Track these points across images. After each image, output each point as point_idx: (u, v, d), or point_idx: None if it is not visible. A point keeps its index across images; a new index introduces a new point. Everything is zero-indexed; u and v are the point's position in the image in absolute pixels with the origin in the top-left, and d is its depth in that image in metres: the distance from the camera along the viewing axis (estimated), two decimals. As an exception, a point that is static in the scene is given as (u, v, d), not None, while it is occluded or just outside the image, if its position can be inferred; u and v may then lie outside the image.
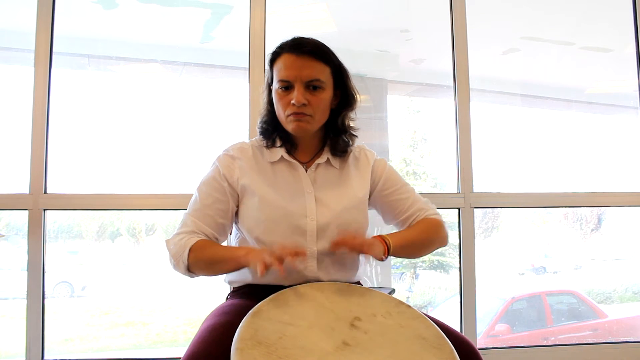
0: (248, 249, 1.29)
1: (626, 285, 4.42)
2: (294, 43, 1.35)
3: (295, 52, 1.33)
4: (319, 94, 1.34)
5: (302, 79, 1.32)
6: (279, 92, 1.35)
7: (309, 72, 1.33)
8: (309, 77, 1.32)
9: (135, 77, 3.15)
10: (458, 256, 2.45)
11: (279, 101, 1.36)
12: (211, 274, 1.36)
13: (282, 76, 1.33)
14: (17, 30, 2.75)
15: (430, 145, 4.20)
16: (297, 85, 1.32)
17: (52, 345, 2.42)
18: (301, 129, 1.35)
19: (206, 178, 1.41)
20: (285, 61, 1.33)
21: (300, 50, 1.33)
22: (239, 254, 1.27)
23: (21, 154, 2.26)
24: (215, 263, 1.32)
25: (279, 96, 1.36)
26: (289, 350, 1.03)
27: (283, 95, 1.34)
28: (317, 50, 1.34)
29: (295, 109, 1.33)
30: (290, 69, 1.32)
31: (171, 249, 1.35)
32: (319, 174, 1.42)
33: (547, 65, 3.25)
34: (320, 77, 1.34)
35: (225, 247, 1.39)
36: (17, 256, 3.31)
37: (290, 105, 1.33)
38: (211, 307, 1.37)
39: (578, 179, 3.58)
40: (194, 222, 1.36)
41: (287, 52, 1.34)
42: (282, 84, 1.34)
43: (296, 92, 1.32)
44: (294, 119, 1.34)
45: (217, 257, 1.32)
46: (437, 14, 2.67)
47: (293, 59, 1.33)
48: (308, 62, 1.33)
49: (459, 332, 1.29)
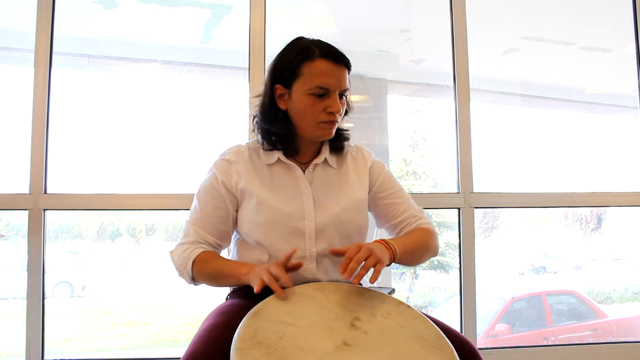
0: (249, 266, 1.28)
1: (626, 285, 4.42)
2: (328, 49, 1.32)
3: (333, 61, 1.31)
4: (344, 103, 1.37)
5: (340, 88, 1.33)
6: (313, 98, 1.31)
7: (345, 82, 1.34)
8: (344, 87, 1.34)
9: (135, 77, 3.16)
10: (458, 256, 2.45)
11: (311, 107, 1.32)
12: (214, 285, 1.37)
13: (322, 83, 1.30)
14: (17, 30, 2.76)
15: (430, 145, 4.20)
16: (334, 94, 1.32)
17: (52, 345, 2.42)
18: (330, 134, 1.37)
19: (204, 185, 1.40)
20: (324, 68, 1.31)
21: (338, 60, 1.32)
22: (241, 271, 1.28)
23: (21, 154, 2.25)
24: (218, 277, 1.34)
25: (310, 101, 1.32)
26: (289, 351, 1.03)
27: (317, 102, 1.32)
28: (348, 62, 1.35)
29: (333, 117, 1.33)
30: (332, 77, 1.31)
31: (175, 261, 1.36)
32: (317, 175, 1.41)
33: (547, 65, 3.25)
34: (349, 87, 1.36)
35: (228, 263, 1.39)
36: (17, 256, 3.31)
37: (327, 114, 1.32)
38: (211, 307, 1.37)
39: (578, 179, 3.58)
40: (196, 232, 1.37)
41: (324, 58, 1.31)
42: (319, 91, 1.31)
43: (334, 102, 1.32)
44: (328, 126, 1.35)
45: (220, 272, 1.33)
46: (437, 14, 2.67)
47: (332, 67, 1.31)
48: (344, 72, 1.33)
49: (459, 332, 1.29)
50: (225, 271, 1.32)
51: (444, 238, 4.22)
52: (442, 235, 4.22)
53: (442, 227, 4.22)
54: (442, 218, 4.15)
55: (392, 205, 1.47)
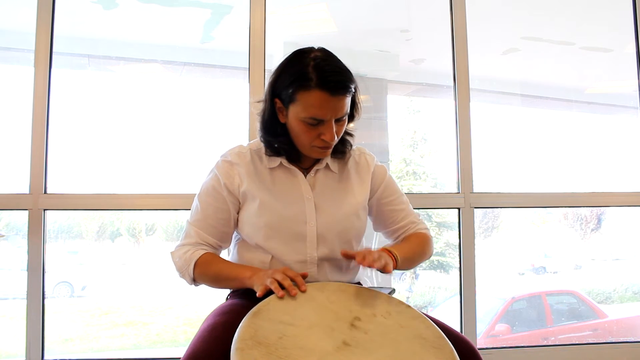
0: (253, 270, 1.28)
1: (626, 285, 4.42)
2: (326, 79, 1.24)
3: (329, 92, 1.24)
4: (343, 124, 1.33)
5: (335, 117, 1.28)
6: (305, 125, 1.28)
7: (342, 111, 1.28)
8: (342, 115, 1.28)
9: (135, 77, 3.16)
10: (458, 256, 2.45)
11: (304, 133, 1.29)
12: (216, 287, 1.37)
13: (314, 114, 1.25)
14: (17, 30, 2.75)
15: (430, 145, 4.21)
16: (328, 123, 1.27)
17: (52, 345, 2.42)
18: (325, 155, 1.36)
19: (206, 187, 1.39)
20: (318, 100, 1.24)
21: (335, 92, 1.24)
22: (244, 275, 1.28)
23: (21, 154, 2.25)
24: (220, 280, 1.34)
25: (304, 127, 1.28)
26: (289, 351, 1.03)
27: (309, 129, 1.28)
28: (348, 87, 1.27)
29: (326, 144, 1.30)
30: (325, 109, 1.25)
31: (176, 262, 1.36)
32: (318, 180, 1.41)
33: (547, 65, 3.25)
34: (348, 110, 1.31)
35: (231, 265, 1.38)
36: (17, 256, 3.31)
37: (319, 140, 1.29)
38: (211, 307, 1.37)
39: (578, 179, 3.58)
40: (197, 233, 1.37)
41: (319, 90, 1.24)
42: (312, 121, 1.27)
43: (328, 130, 1.27)
44: (322, 150, 1.32)
45: (223, 275, 1.33)
46: (437, 14, 2.67)
47: (328, 99, 1.24)
48: (342, 102, 1.27)
49: (459, 332, 1.29)
50: (228, 274, 1.32)
51: (444, 238, 4.22)
52: (442, 235, 4.22)
53: (442, 227, 4.22)
54: (442, 218, 4.16)
55: (394, 211, 1.48)
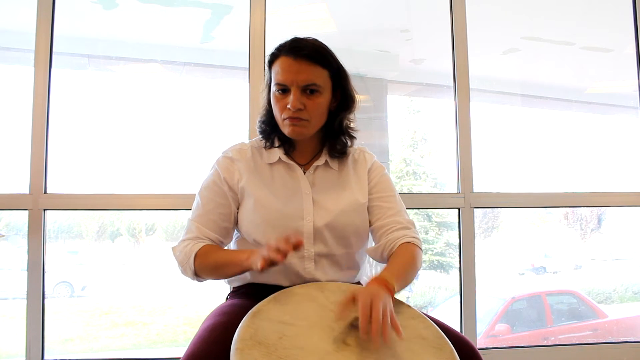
0: (249, 251, 1.27)
1: (626, 285, 4.42)
2: (291, 46, 1.32)
3: (292, 56, 1.31)
4: (316, 98, 1.33)
5: (298, 83, 1.31)
6: (276, 95, 1.34)
7: (306, 77, 1.31)
8: (305, 81, 1.31)
9: (135, 77, 3.16)
10: (458, 256, 2.45)
11: (276, 104, 1.35)
12: (218, 278, 1.37)
13: (279, 80, 1.32)
14: (17, 30, 2.75)
15: (430, 145, 4.21)
16: (293, 89, 1.31)
17: (52, 345, 2.42)
18: (297, 133, 1.35)
19: (207, 182, 1.41)
20: (283, 64, 1.32)
21: (298, 54, 1.31)
22: (241, 257, 1.27)
23: (21, 154, 2.25)
24: (220, 267, 1.33)
25: (276, 99, 1.35)
26: (289, 351, 1.03)
27: (280, 99, 1.34)
28: (315, 53, 1.32)
29: (291, 114, 1.32)
30: (287, 72, 1.31)
31: (177, 256, 1.36)
32: (318, 176, 1.41)
33: (547, 65, 3.25)
34: (317, 82, 1.32)
35: (229, 252, 1.40)
36: (17, 256, 3.31)
37: (287, 109, 1.32)
38: (211, 307, 1.37)
39: (578, 179, 3.58)
40: (198, 228, 1.37)
41: (284, 55, 1.32)
42: (278, 87, 1.33)
43: (292, 97, 1.31)
44: (290, 123, 1.33)
45: (222, 262, 1.32)
46: (437, 14, 2.66)
47: (290, 63, 1.31)
48: (305, 66, 1.31)
49: (459, 332, 1.29)
50: (227, 260, 1.32)
51: (444, 238, 4.23)
52: (442, 235, 4.22)
53: (442, 227, 4.23)
54: (442, 218, 4.16)
55: (379, 207, 1.42)
